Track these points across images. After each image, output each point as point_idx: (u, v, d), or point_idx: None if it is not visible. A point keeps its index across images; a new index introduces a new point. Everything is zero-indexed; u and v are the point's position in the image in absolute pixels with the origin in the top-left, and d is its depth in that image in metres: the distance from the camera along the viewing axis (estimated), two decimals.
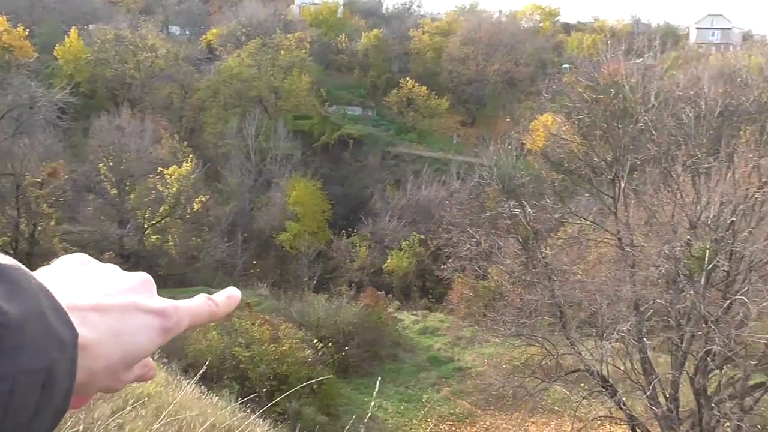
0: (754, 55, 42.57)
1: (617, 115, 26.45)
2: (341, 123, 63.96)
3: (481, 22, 74.13)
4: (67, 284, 0.79)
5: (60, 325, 0.67)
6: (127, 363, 0.79)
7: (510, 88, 68.64)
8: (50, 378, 0.65)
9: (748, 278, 18.36)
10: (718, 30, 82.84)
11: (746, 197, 19.01)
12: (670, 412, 19.03)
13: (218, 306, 0.90)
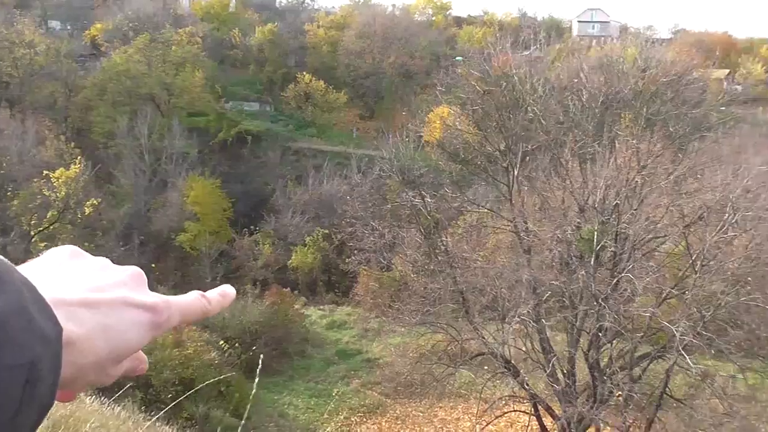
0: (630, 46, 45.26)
1: (508, 106, 27.43)
2: (239, 119, 62.60)
3: (375, 16, 74.56)
4: (54, 278, 0.78)
5: (43, 320, 0.66)
6: (115, 358, 0.78)
7: (406, 81, 69.55)
8: (33, 374, 0.63)
9: (633, 257, 19.60)
10: (598, 23, 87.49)
11: (628, 181, 20.22)
12: (568, 387, 20.05)
13: (211, 303, 0.89)
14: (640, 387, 19.73)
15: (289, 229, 46.77)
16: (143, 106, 56.26)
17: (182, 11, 75.37)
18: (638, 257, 20.03)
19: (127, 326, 0.78)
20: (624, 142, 21.98)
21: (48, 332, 0.66)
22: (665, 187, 20.56)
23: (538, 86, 28.71)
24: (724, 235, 17.80)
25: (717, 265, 17.79)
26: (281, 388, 28.45)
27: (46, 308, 0.67)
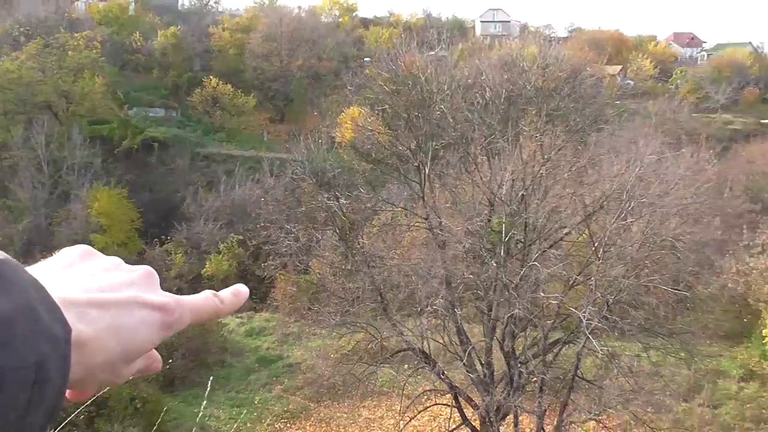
0: (530, 45, 46.99)
1: (417, 105, 27.82)
2: (144, 126, 60.53)
3: (281, 18, 73.93)
4: (65, 278, 0.77)
5: (51, 321, 0.65)
6: (126, 358, 0.77)
7: (316, 83, 69.38)
8: (41, 374, 0.62)
9: (540, 246, 20.39)
10: (500, 23, 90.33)
11: (533, 173, 21.01)
12: (486, 377, 20.62)
13: (223, 303, 0.89)
14: (553, 372, 20.54)
15: (202, 236, 45.67)
16: (39, 114, 53.49)
17: (78, 15, 72.14)
18: (546, 247, 20.84)
19: (138, 326, 0.77)
20: (528, 136, 22.82)
21: (56, 332, 0.65)
22: (568, 179, 21.51)
23: (444, 85, 29.28)
24: (622, 222, 18.80)
25: (617, 251, 18.78)
26: (201, 400, 27.65)
27: (54, 308, 0.67)
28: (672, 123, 50.32)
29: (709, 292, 25.58)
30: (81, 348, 0.70)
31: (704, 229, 26.09)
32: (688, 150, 31.99)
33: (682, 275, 24.68)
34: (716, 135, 54.21)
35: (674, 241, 19.35)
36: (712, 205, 31.65)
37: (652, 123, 44.11)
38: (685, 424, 23.65)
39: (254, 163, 55.89)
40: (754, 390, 26.59)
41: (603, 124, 35.92)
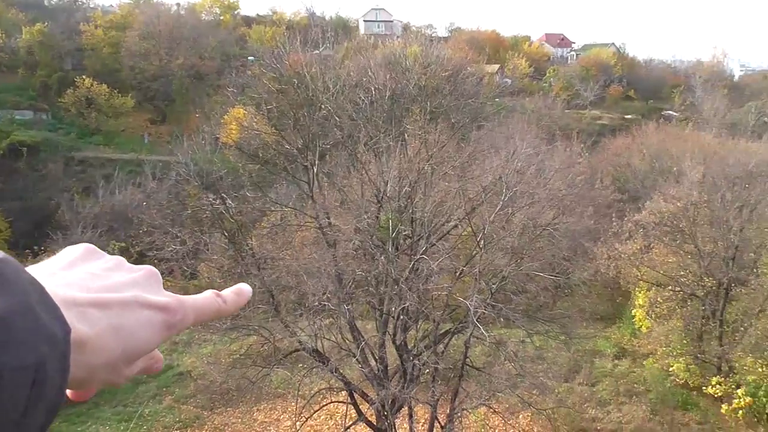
0: (412, 44, 48.04)
1: (303, 104, 27.75)
2: (9, 130, 56.33)
3: (159, 15, 71.05)
4: (66, 277, 0.76)
5: (50, 321, 0.64)
6: (128, 358, 0.77)
7: (198, 83, 67.33)
8: (40, 374, 0.62)
9: (428, 240, 20.93)
10: (383, 22, 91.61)
11: (419, 170, 21.53)
12: (380, 371, 20.91)
13: (226, 302, 0.88)
14: (444, 362, 21.16)
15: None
16: None
17: None
18: (433, 240, 21.43)
19: (140, 326, 0.77)
20: (413, 134, 23.35)
21: (55, 332, 0.64)
22: (452, 174, 22.22)
23: (330, 84, 29.39)
24: (503, 214, 19.68)
25: (499, 241, 19.63)
26: (85, 418, 26.32)
27: (53, 308, 0.66)
28: (547, 119, 53.09)
29: (584, 278, 27.27)
30: (81, 348, 0.70)
31: (578, 218, 27.80)
32: (562, 144, 34.00)
33: (559, 262, 26.18)
34: (586, 130, 57.77)
35: (551, 230, 20.46)
36: (584, 196, 33.79)
37: (529, 119, 46.34)
38: (567, 403, 25.08)
39: (135, 166, 53.48)
40: (627, 366, 28.63)
41: (483, 120, 37.38)
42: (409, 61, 36.29)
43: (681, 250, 27.97)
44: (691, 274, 27.43)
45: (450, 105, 33.57)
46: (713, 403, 25.06)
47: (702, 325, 27.24)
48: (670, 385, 26.54)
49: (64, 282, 0.75)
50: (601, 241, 29.97)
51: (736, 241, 25.98)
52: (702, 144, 42.99)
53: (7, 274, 0.64)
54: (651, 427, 23.97)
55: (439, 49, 44.75)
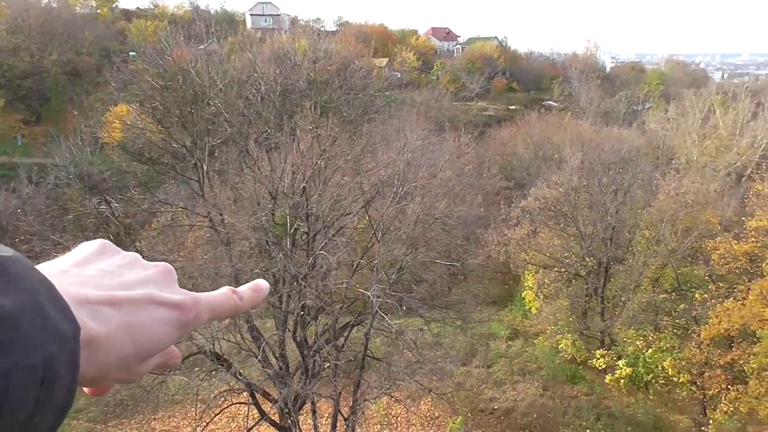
0: (301, 39, 47.69)
1: (190, 101, 26.97)
2: None
3: (28, 8, 66.48)
4: (79, 275, 0.74)
5: (60, 319, 0.63)
6: (141, 356, 0.75)
7: (75, 80, 63.66)
8: (49, 373, 0.61)
9: (325, 235, 20.95)
10: (270, 16, 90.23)
11: (312, 165, 21.48)
12: (281, 370, 20.74)
13: (243, 299, 0.87)
14: (345, 355, 21.28)
15: None
16: None
17: None
18: (331, 235, 21.46)
19: (153, 324, 0.76)
20: (304, 129, 23.24)
21: (64, 331, 0.63)
22: (346, 168, 22.34)
23: (217, 80, 28.70)
24: (397, 205, 20.01)
25: (395, 232, 19.96)
26: None
27: (62, 306, 0.65)
28: (436, 111, 54.33)
29: (477, 264, 28.29)
30: (93, 347, 0.69)
31: (469, 206, 28.75)
32: (451, 135, 34.95)
33: (454, 250, 26.98)
34: (473, 121, 59.66)
35: (444, 219, 21.02)
36: (474, 184, 34.98)
37: (418, 111, 47.31)
38: (465, 385, 25.94)
39: (7, 170, 49.81)
40: (519, 346, 29.95)
41: (374, 114, 37.77)
42: (298, 55, 35.99)
43: (564, 233, 29.54)
44: (574, 255, 29.03)
45: (340, 99, 33.65)
46: (598, 375, 26.71)
47: (586, 303, 28.93)
48: (560, 361, 28.03)
49: (76, 280, 0.75)
50: (491, 228, 31.13)
51: (613, 222, 27.74)
52: (580, 132, 45.49)
53: (16, 272, 0.63)
54: (543, 402, 25.22)
55: (328, 43, 44.71)
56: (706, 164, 44.37)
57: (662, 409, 25.26)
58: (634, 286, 27.28)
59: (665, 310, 26.92)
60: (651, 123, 56.84)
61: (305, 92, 30.66)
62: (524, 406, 24.87)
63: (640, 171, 31.19)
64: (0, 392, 0.57)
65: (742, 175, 42.65)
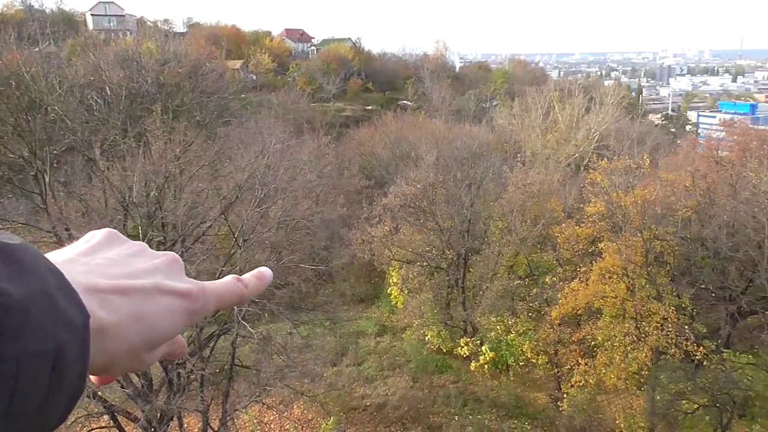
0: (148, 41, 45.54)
1: (25, 108, 24.93)
2: None
3: None
4: (88, 263, 0.75)
5: (69, 307, 0.63)
6: (149, 345, 0.75)
7: None
8: (60, 360, 0.61)
9: (183, 244, 20.18)
10: (114, 17, 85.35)
11: (166, 171, 20.62)
12: (144, 387, 19.73)
13: (247, 287, 0.86)
14: (212, 366, 20.65)
15: None
16: None
17: None
18: (189, 244, 20.72)
19: (161, 313, 0.75)
20: (155, 135, 22.24)
21: (74, 318, 0.63)
22: (203, 173, 21.64)
23: (56, 84, 26.74)
24: (258, 209, 19.69)
25: (257, 237, 19.63)
26: None
27: (72, 294, 0.65)
28: (293, 113, 54.07)
29: (342, 263, 28.52)
30: (102, 335, 0.68)
31: (331, 207, 28.91)
32: (310, 137, 34.96)
33: (318, 251, 27.01)
34: (332, 122, 60.00)
35: (306, 221, 20.98)
36: (335, 185, 35.22)
37: (276, 114, 46.84)
38: (337, 385, 26.07)
39: None
40: (388, 342, 30.56)
41: (229, 117, 36.87)
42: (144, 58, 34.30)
43: (425, 228, 30.50)
44: (435, 248, 30.06)
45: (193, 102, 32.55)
46: (464, 363, 27.86)
47: (448, 294, 30.06)
48: (427, 353, 28.92)
49: (85, 268, 0.74)
50: (355, 227, 31.48)
51: (469, 215, 29.05)
52: (434, 130, 47.15)
53: (26, 260, 0.63)
54: (413, 394, 25.91)
55: (177, 45, 43.00)
56: (549, 156, 47.65)
57: (522, 389, 26.82)
58: (491, 274, 28.69)
59: (520, 296, 28.58)
60: (498, 119, 60.14)
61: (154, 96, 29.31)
62: (395, 399, 25.40)
63: (491, 165, 32.87)
64: (11, 378, 0.57)
65: (580, 165, 46.21)
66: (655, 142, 50.81)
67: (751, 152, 31.19)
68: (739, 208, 25.29)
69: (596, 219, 27.06)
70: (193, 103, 32.02)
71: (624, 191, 26.28)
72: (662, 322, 22.85)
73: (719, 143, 37.22)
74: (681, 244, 26.06)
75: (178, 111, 27.29)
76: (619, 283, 24.20)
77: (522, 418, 24.81)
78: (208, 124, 30.30)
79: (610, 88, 63.02)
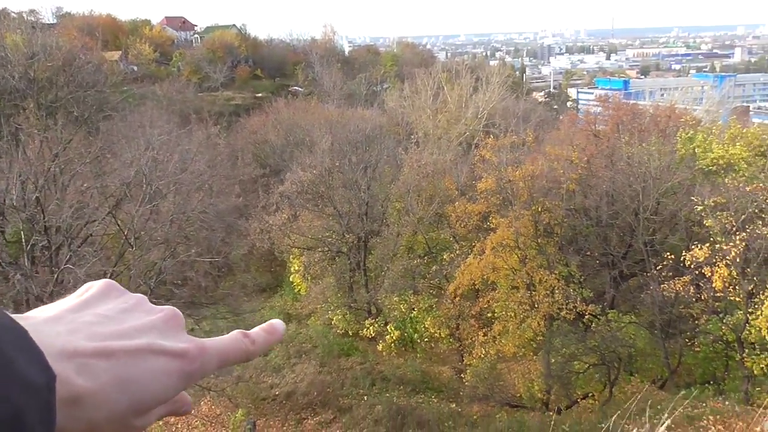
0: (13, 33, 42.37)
1: None
2: None
3: None
4: (73, 322, 0.69)
5: (28, 367, 0.57)
6: (138, 410, 0.68)
7: None
8: (18, 427, 0.55)
9: (69, 247, 19.18)
10: None
11: (45, 172, 19.46)
12: None
13: (255, 343, 0.79)
14: None
15: None
16: None
17: None
18: (76, 246, 19.72)
19: (152, 376, 0.68)
20: (29, 133, 20.90)
21: (34, 380, 0.57)
22: (87, 171, 20.58)
23: None
24: (148, 205, 19.00)
25: (149, 235, 18.96)
26: None
27: (33, 353, 0.58)
28: (180, 103, 52.27)
29: (241, 254, 28.07)
30: (79, 403, 0.62)
31: (226, 198, 28.31)
32: (198, 127, 33.99)
33: (215, 244, 26.44)
34: (221, 111, 58.56)
35: (200, 214, 20.48)
36: (229, 175, 34.51)
37: (161, 105, 45.12)
38: (245, 378, 25.76)
39: None
40: (294, 329, 30.44)
41: (110, 111, 35.13)
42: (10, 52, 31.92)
43: (323, 214, 30.53)
44: (335, 233, 30.18)
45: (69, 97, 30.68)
46: (370, 344, 28.26)
47: (351, 277, 30.30)
48: (333, 337, 29.09)
49: (68, 327, 0.67)
50: (252, 217, 31.03)
51: (366, 198, 29.33)
52: (327, 115, 47.06)
53: None
54: (322, 379, 26.02)
55: (47, 37, 40.24)
56: (441, 136, 48.78)
57: (427, 364, 27.57)
58: (391, 255, 29.18)
59: (421, 274, 29.25)
60: (390, 102, 60.78)
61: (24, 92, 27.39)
62: (304, 386, 25.42)
63: (385, 147, 33.28)
64: None
65: (470, 144, 47.62)
66: (539, 119, 53.17)
67: (624, 125, 33.31)
68: (616, 178, 26.99)
69: (487, 195, 28.07)
70: (69, 98, 30.19)
71: (512, 167, 27.39)
72: (552, 290, 24.13)
73: (596, 118, 39.51)
74: (567, 215, 27.53)
75: (53, 107, 25.65)
76: (512, 255, 25.28)
77: (428, 392, 25.53)
78: (88, 119, 28.74)
79: (495, 68, 65.12)
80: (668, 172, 26.00)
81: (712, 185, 25.11)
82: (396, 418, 23.03)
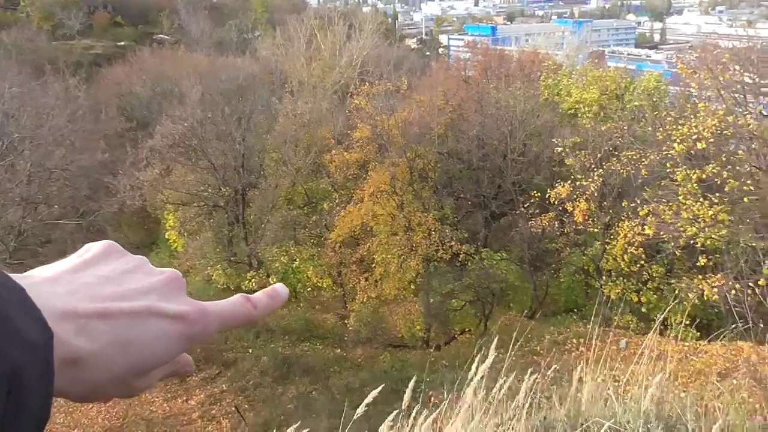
0: None
1: None
2: None
3: None
4: (72, 283, 0.67)
5: (27, 325, 0.57)
6: (138, 372, 0.69)
7: None
8: (16, 383, 0.55)
9: None
10: None
11: None
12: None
13: (257, 307, 0.78)
14: None
15: None
16: None
17: None
18: None
19: (152, 338, 0.68)
20: None
21: (32, 337, 0.57)
22: None
23: None
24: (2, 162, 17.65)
25: (4, 193, 17.67)
26: None
27: (30, 310, 0.58)
28: (31, 53, 48.11)
29: (111, 213, 26.73)
30: (80, 364, 0.63)
31: (90, 153, 26.67)
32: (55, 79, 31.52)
33: (83, 202, 25.03)
34: (79, 61, 54.48)
35: (62, 170, 19.29)
36: (92, 130, 32.47)
37: (10, 55, 41.32)
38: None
39: None
40: None
41: None
42: None
43: (198, 167, 29.60)
44: (210, 187, 29.42)
45: None
46: None
47: (229, 231, 29.81)
48: (214, 292, 28.62)
49: (67, 288, 0.66)
50: (121, 173, 29.50)
51: (242, 150, 28.70)
52: (196, 64, 45.00)
53: None
54: None
55: None
56: (316, 85, 48.22)
57: (311, 313, 27.93)
58: (270, 207, 28.92)
59: (301, 224, 29.28)
60: (262, 50, 59.09)
61: None
62: None
63: (259, 97, 32.50)
64: None
65: (346, 92, 47.52)
66: (412, 66, 53.75)
67: (492, 71, 34.50)
68: (486, 123, 28.08)
69: (363, 143, 28.33)
70: None
71: (387, 114, 27.73)
72: (429, 232, 25.03)
73: (466, 64, 40.57)
74: (440, 160, 28.39)
75: None
76: (389, 201, 25.86)
77: (313, 339, 25.97)
78: None
79: (368, 15, 64.85)
80: (533, 115, 27.39)
81: (572, 127, 26.81)
82: (282, 368, 23.33)
